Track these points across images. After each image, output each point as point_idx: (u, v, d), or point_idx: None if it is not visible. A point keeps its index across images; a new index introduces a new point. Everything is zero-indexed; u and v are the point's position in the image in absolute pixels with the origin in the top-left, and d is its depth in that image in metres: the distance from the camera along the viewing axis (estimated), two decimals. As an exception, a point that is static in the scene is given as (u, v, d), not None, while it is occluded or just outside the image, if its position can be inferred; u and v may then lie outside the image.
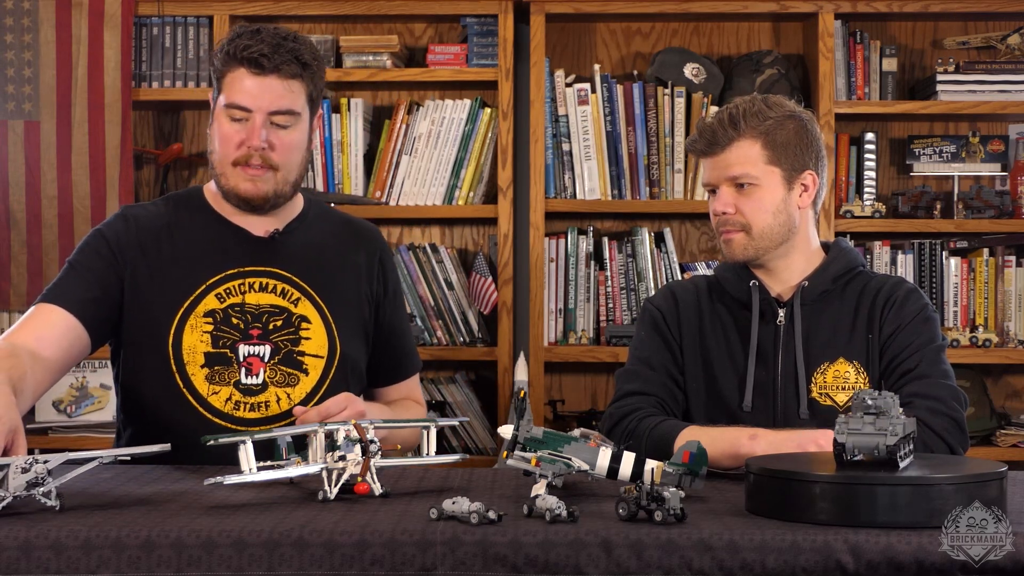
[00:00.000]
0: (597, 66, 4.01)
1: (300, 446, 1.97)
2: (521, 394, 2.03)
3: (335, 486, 1.89)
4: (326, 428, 1.93)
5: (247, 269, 2.41)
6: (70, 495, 1.87)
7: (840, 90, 3.95)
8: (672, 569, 1.63)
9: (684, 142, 3.68)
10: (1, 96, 3.90)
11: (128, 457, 1.94)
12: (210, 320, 2.36)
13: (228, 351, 2.36)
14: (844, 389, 2.34)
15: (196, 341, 2.35)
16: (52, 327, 2.30)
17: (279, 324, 2.39)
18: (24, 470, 1.77)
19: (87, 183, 3.90)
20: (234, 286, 2.40)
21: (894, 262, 3.97)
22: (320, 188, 3.97)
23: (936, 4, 3.91)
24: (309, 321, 2.41)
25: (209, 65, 3.85)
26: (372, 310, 2.52)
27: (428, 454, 2.09)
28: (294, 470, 1.90)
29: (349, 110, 4.00)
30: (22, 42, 3.91)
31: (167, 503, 1.87)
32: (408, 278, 3.97)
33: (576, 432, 2.05)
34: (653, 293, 3.82)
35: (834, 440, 1.82)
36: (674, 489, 1.71)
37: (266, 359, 2.37)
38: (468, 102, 3.98)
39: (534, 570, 1.64)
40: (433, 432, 2.09)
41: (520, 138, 4.02)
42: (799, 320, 2.37)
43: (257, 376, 2.37)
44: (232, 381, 2.36)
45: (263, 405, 2.36)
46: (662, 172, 3.96)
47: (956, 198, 3.99)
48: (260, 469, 1.88)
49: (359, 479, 1.90)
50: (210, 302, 2.38)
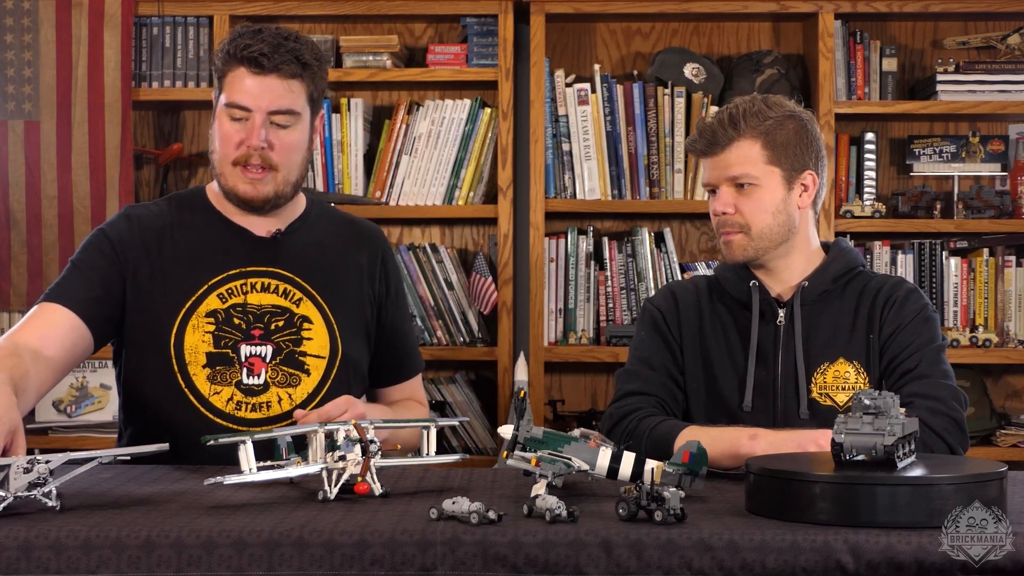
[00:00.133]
0: (597, 66, 4.01)
1: (300, 446, 1.97)
2: (521, 394, 2.02)
3: (335, 486, 1.89)
4: (326, 428, 1.93)
5: (249, 269, 2.41)
6: (70, 495, 1.87)
7: (840, 90, 3.95)
8: (672, 569, 1.63)
9: (684, 142, 3.67)
10: (1, 96, 3.90)
11: (128, 457, 1.94)
12: (212, 320, 2.36)
13: (230, 351, 2.36)
14: (844, 389, 2.34)
15: (198, 341, 2.35)
16: (55, 326, 2.30)
17: (281, 324, 2.39)
18: (26, 470, 1.78)
19: (87, 183, 3.90)
20: (236, 286, 2.40)
21: (894, 262, 3.96)
22: (320, 188, 3.97)
23: (936, 4, 3.91)
24: (311, 321, 2.41)
25: (211, 65, 3.85)
26: (374, 310, 2.52)
27: (428, 454, 2.09)
28: (294, 470, 1.90)
29: (349, 110, 4.00)
30: (22, 42, 3.91)
31: (167, 503, 1.87)
32: (408, 278, 3.96)
33: (576, 432, 2.04)
34: (653, 293, 3.83)
35: (832, 440, 1.82)
36: (674, 489, 1.72)
37: (268, 359, 2.37)
38: (468, 102, 3.98)
39: (534, 570, 1.64)
40: (433, 432, 2.09)
41: (520, 138, 4.02)
42: (799, 320, 2.37)
43: (259, 376, 2.37)
44: (234, 381, 2.36)
45: (264, 405, 2.36)
46: (662, 172, 3.95)
47: (956, 198, 3.99)
48: (260, 469, 1.88)
49: (359, 479, 1.90)
50: (212, 302, 2.38)
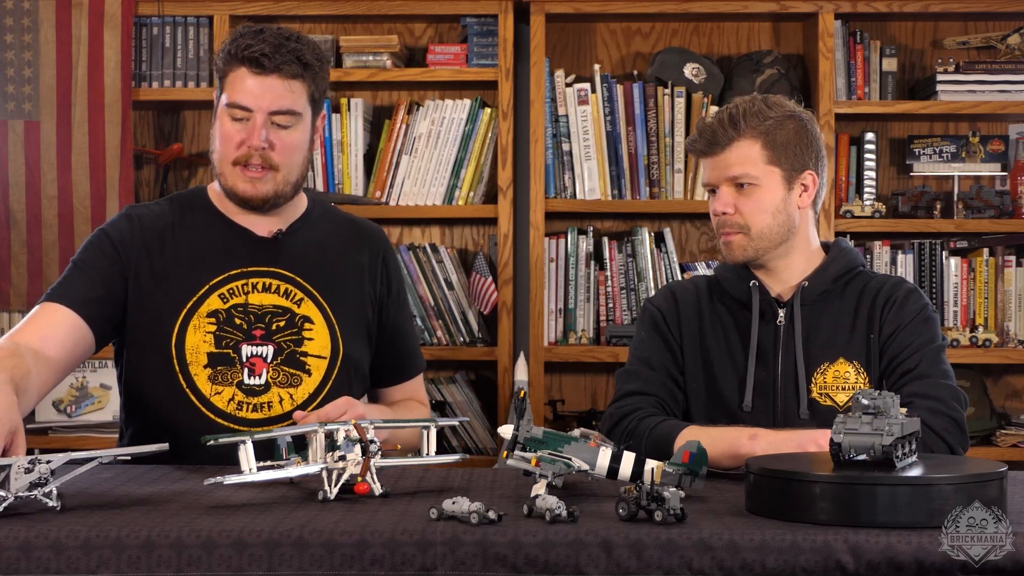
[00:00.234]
0: (597, 66, 4.01)
1: (300, 446, 1.97)
2: (521, 394, 2.02)
3: (335, 486, 1.89)
4: (326, 428, 1.93)
5: (250, 269, 2.41)
6: (70, 495, 1.87)
7: (840, 90, 3.95)
8: (672, 569, 1.63)
9: (684, 142, 3.67)
10: (1, 96, 3.90)
11: (128, 457, 1.94)
12: (213, 320, 2.36)
13: (231, 351, 2.36)
14: (844, 389, 2.34)
15: (199, 341, 2.35)
16: (57, 326, 2.29)
17: (282, 324, 2.39)
18: (28, 470, 1.78)
19: (87, 183, 3.90)
20: (237, 286, 2.40)
21: (894, 262, 3.96)
22: (320, 188, 3.97)
23: (936, 4, 3.91)
24: (312, 322, 2.41)
25: (212, 65, 3.86)
26: (375, 311, 2.52)
27: (428, 454, 2.09)
28: (294, 470, 1.90)
29: (349, 110, 4.00)
30: (22, 42, 3.91)
31: (167, 503, 1.87)
32: (408, 278, 3.96)
33: (576, 432, 2.04)
34: (653, 293, 3.83)
35: (830, 440, 1.82)
36: (674, 489, 1.72)
37: (269, 359, 2.37)
38: (468, 102, 3.98)
39: (534, 570, 1.64)
40: (433, 432, 2.09)
41: (520, 138, 4.02)
42: (799, 320, 2.37)
43: (260, 376, 2.37)
44: (235, 381, 2.36)
45: (266, 406, 2.36)
46: (662, 172, 3.95)
47: (956, 198, 3.99)
48: (260, 469, 1.88)
49: (359, 479, 1.90)
50: (213, 302, 2.38)
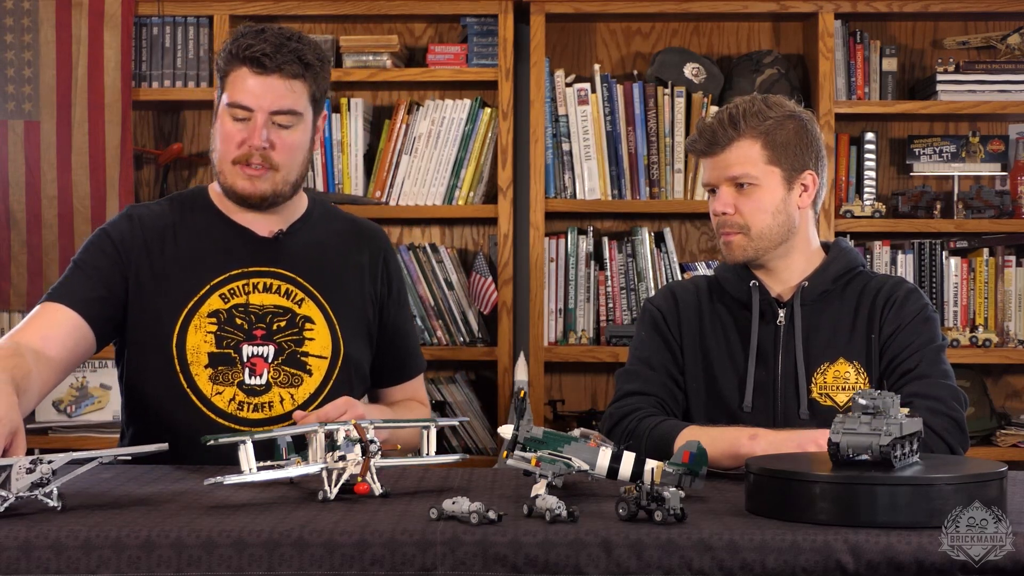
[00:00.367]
0: (597, 66, 4.01)
1: (300, 446, 1.97)
2: (521, 394, 2.02)
3: (335, 486, 1.89)
4: (326, 428, 1.93)
5: (251, 269, 2.41)
6: (70, 495, 1.87)
7: (840, 90, 3.95)
8: (672, 569, 1.63)
9: (684, 142, 3.68)
10: (1, 96, 3.90)
11: (128, 457, 1.94)
12: (214, 320, 2.37)
13: (232, 351, 2.36)
14: (844, 389, 2.34)
15: (200, 341, 2.35)
16: (57, 326, 2.29)
17: (283, 325, 2.39)
18: (29, 470, 1.78)
19: (87, 183, 3.90)
20: (238, 286, 2.40)
21: (894, 262, 3.96)
22: (320, 188, 3.97)
23: (936, 4, 3.91)
24: (313, 322, 2.41)
25: (213, 64, 3.85)
26: (376, 311, 2.52)
27: (428, 454, 2.09)
28: (294, 470, 1.90)
29: (349, 110, 4.00)
30: (22, 42, 3.91)
31: (167, 503, 1.87)
32: (408, 278, 3.96)
33: (576, 432, 2.04)
34: (653, 293, 3.83)
35: (829, 440, 1.82)
36: (674, 489, 1.72)
37: (270, 360, 2.37)
38: (468, 102, 3.98)
39: (534, 570, 1.64)
40: (433, 432, 2.09)
41: (520, 138, 4.02)
42: (799, 320, 2.37)
43: (261, 377, 2.37)
44: (236, 381, 2.36)
45: (266, 406, 2.36)
46: (662, 172, 3.95)
47: (956, 198, 3.99)
48: (260, 469, 1.88)
49: (359, 479, 1.90)
50: (214, 302, 2.38)
